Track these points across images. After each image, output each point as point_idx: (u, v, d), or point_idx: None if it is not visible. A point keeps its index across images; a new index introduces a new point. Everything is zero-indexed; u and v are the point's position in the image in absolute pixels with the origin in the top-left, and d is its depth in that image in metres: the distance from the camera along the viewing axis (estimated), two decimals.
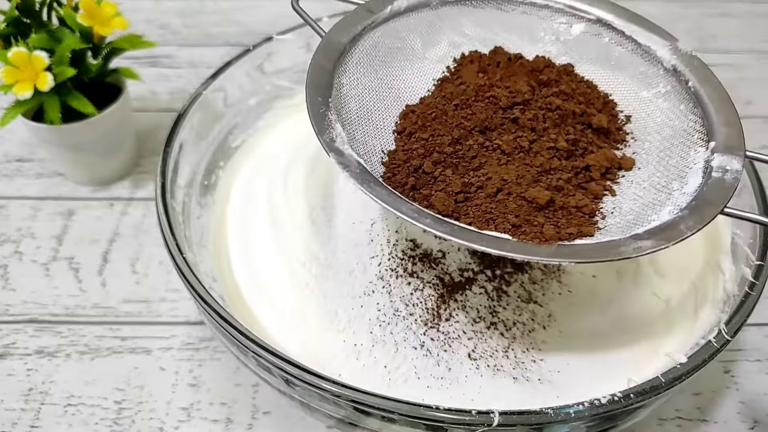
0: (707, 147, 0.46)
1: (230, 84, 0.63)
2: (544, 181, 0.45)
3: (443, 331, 0.49)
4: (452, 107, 0.48)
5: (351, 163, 0.43)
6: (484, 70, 0.52)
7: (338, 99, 0.48)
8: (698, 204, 0.42)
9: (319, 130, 0.45)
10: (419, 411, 0.40)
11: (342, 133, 0.45)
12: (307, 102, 0.46)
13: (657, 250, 0.40)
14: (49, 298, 0.61)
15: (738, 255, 0.52)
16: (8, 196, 0.70)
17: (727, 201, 0.42)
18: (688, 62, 0.51)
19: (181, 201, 0.55)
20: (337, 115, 0.46)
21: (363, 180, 0.42)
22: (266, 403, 0.54)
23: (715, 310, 0.50)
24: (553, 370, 0.48)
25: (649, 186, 0.46)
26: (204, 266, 0.53)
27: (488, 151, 0.47)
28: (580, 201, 0.44)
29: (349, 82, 0.50)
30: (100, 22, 0.62)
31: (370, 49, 0.52)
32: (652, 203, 0.45)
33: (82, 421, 0.53)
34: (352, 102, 0.49)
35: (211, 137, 0.62)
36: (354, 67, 0.51)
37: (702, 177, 0.44)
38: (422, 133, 0.47)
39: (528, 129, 0.47)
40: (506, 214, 0.43)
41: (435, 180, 0.45)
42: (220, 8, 0.97)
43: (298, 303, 0.52)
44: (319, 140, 0.44)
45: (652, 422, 0.53)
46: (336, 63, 0.50)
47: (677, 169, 0.46)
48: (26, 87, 0.59)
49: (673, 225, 0.41)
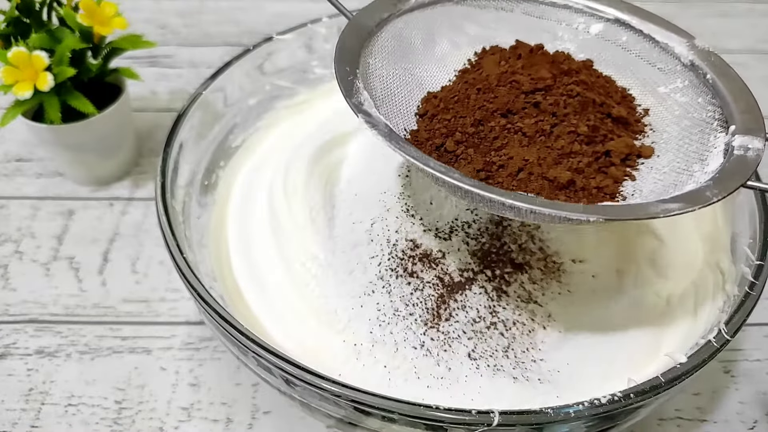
0: (727, 131, 0.46)
1: (230, 84, 0.63)
2: (564, 163, 0.45)
3: (443, 331, 0.49)
4: (474, 91, 0.49)
5: (379, 122, 0.44)
6: (505, 60, 0.53)
7: (364, 76, 0.49)
8: (722, 176, 0.43)
9: (347, 93, 0.45)
10: (419, 411, 0.40)
11: (369, 98, 0.46)
12: (336, 69, 0.47)
13: (684, 212, 0.40)
14: (50, 298, 0.61)
15: (738, 255, 0.52)
16: (8, 196, 0.70)
17: (751, 173, 0.42)
18: (706, 58, 0.51)
19: (182, 201, 0.55)
20: (365, 88, 0.47)
21: (391, 138, 0.43)
22: (266, 403, 0.54)
23: (715, 310, 0.50)
24: (553, 370, 0.48)
25: (669, 170, 0.46)
26: (204, 266, 0.53)
27: (510, 133, 0.47)
28: (602, 182, 0.45)
29: (374, 63, 0.51)
30: (100, 22, 0.62)
31: (395, 36, 0.53)
32: (674, 183, 0.45)
33: (83, 421, 0.53)
34: (377, 81, 0.50)
35: (211, 137, 0.62)
36: (379, 50, 0.52)
37: (724, 157, 0.45)
38: (444, 114, 0.48)
39: (549, 114, 0.48)
40: (528, 192, 0.44)
41: (457, 158, 0.46)
42: (220, 8, 0.97)
43: (298, 303, 0.52)
44: (347, 102, 0.45)
45: (651, 422, 0.53)
46: (363, 44, 0.51)
47: (697, 154, 0.47)
48: (26, 87, 0.59)
49: (698, 192, 0.42)
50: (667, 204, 0.40)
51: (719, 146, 0.46)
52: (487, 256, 0.52)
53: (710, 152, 0.46)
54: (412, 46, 0.54)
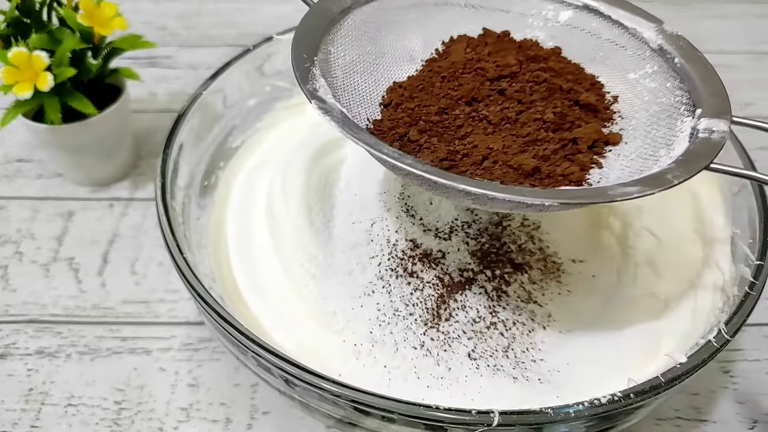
0: (694, 115, 0.46)
1: (229, 85, 0.63)
2: (530, 151, 0.45)
3: (443, 330, 0.49)
4: (439, 79, 0.49)
5: (333, 109, 0.43)
6: (472, 48, 0.52)
7: (325, 64, 0.48)
8: (686, 159, 0.42)
9: (302, 80, 0.44)
10: (419, 411, 0.40)
11: (325, 85, 0.45)
12: (292, 55, 0.46)
13: (643, 195, 0.39)
14: (49, 299, 0.61)
15: (738, 255, 0.52)
16: (8, 197, 0.70)
17: (715, 155, 0.42)
18: (674, 42, 0.51)
19: (181, 202, 0.55)
20: (321, 75, 0.46)
21: (345, 124, 0.42)
22: (265, 403, 0.54)
23: (715, 310, 0.50)
24: (553, 370, 0.48)
25: (636, 157, 0.46)
26: (203, 267, 0.53)
27: (475, 121, 0.47)
28: (567, 169, 0.44)
29: (336, 51, 0.50)
30: (100, 23, 0.62)
31: (360, 24, 0.52)
32: (640, 170, 0.44)
33: (82, 422, 0.53)
34: (338, 70, 0.49)
35: (210, 138, 0.62)
36: (342, 37, 0.51)
37: (689, 141, 0.44)
38: (408, 103, 0.47)
39: (515, 101, 0.47)
40: (492, 180, 0.43)
41: (421, 148, 0.45)
42: (219, 10, 0.97)
43: (297, 303, 0.52)
44: (301, 89, 0.44)
45: (651, 422, 0.53)
46: (325, 31, 0.50)
47: (664, 139, 0.46)
48: (26, 87, 0.59)
49: (660, 174, 0.41)
50: (626, 187, 0.40)
51: (686, 130, 0.45)
52: (486, 257, 0.52)
53: (677, 137, 0.46)
54: (377, 34, 0.53)
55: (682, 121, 0.47)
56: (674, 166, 0.42)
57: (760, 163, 0.55)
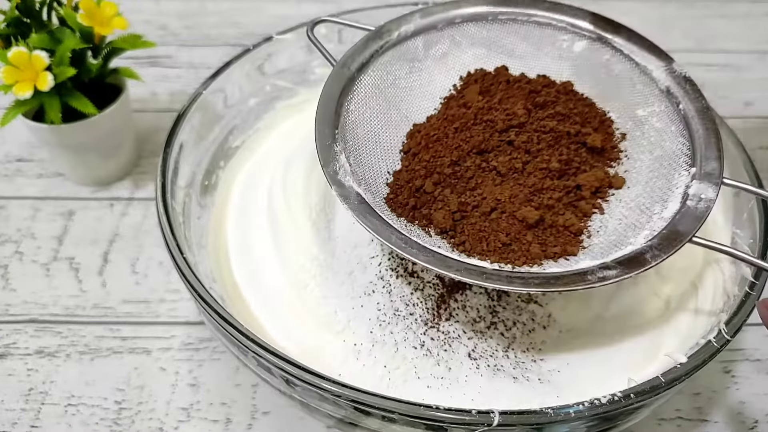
0: (689, 172, 0.47)
1: (230, 85, 0.63)
2: (535, 200, 0.47)
3: (443, 330, 0.49)
4: (452, 130, 0.50)
5: (350, 194, 0.46)
6: (487, 89, 0.54)
7: (345, 126, 0.50)
8: (668, 233, 0.44)
9: (325, 162, 0.47)
10: (419, 411, 0.40)
11: (345, 164, 0.47)
12: (316, 134, 0.49)
13: (621, 279, 0.42)
14: (50, 299, 0.61)
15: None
16: (8, 197, 0.70)
17: (695, 231, 0.43)
18: (681, 85, 0.52)
19: (182, 201, 0.55)
20: (343, 144, 0.49)
21: (359, 211, 0.45)
22: (266, 403, 0.54)
23: (715, 310, 0.50)
24: (553, 370, 0.48)
25: (635, 206, 0.48)
26: (204, 267, 0.53)
27: (484, 172, 0.49)
28: (568, 220, 0.46)
29: (357, 109, 0.52)
30: (100, 22, 0.62)
31: (380, 73, 0.54)
32: (634, 225, 0.46)
33: (82, 422, 0.53)
34: (359, 128, 0.51)
35: (211, 138, 0.62)
36: (362, 93, 0.53)
37: (680, 203, 0.46)
38: (425, 154, 0.50)
39: (522, 151, 0.49)
40: (498, 232, 0.46)
41: (435, 199, 0.48)
42: (220, 10, 0.97)
43: (297, 303, 0.52)
44: (323, 172, 0.46)
45: (651, 422, 0.53)
46: (344, 91, 0.52)
47: (661, 191, 0.48)
48: (26, 87, 0.59)
49: (640, 254, 0.43)
50: (606, 271, 0.42)
51: (680, 187, 0.47)
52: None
53: (672, 192, 0.47)
54: (396, 80, 0.55)
55: (679, 174, 0.48)
56: (655, 243, 0.43)
57: (760, 163, 0.55)
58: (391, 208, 0.47)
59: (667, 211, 0.46)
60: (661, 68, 0.53)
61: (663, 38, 0.53)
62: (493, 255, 0.45)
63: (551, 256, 0.45)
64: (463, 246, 0.45)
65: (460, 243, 0.46)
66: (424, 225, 0.47)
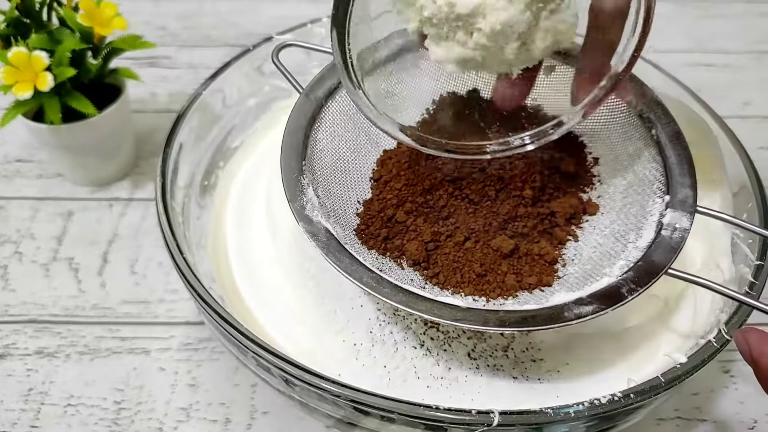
0: (663, 199, 0.47)
1: (229, 85, 0.63)
2: (510, 228, 0.48)
3: (443, 330, 0.49)
4: (424, 157, 0.50)
5: (319, 231, 0.46)
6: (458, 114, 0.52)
7: (313, 157, 0.50)
8: (644, 264, 0.44)
9: (291, 197, 0.47)
10: (419, 411, 0.40)
11: (313, 198, 0.47)
12: (281, 168, 0.48)
13: (596, 316, 0.41)
14: (49, 299, 0.61)
15: (738, 255, 0.52)
16: (8, 197, 0.70)
17: (670, 263, 0.43)
18: (653, 109, 0.52)
19: (181, 201, 0.55)
20: (311, 176, 0.49)
21: (328, 249, 0.45)
22: (265, 403, 0.54)
23: (714, 310, 0.50)
24: (553, 370, 0.48)
25: (609, 233, 0.48)
26: (203, 267, 0.53)
27: (457, 200, 0.49)
28: (543, 249, 0.47)
29: (324, 137, 0.52)
30: (100, 23, 0.62)
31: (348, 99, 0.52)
32: (609, 253, 0.46)
33: (82, 422, 0.52)
34: (327, 156, 0.51)
35: (210, 138, 0.62)
36: (330, 120, 0.53)
37: (654, 232, 0.46)
38: (396, 182, 0.50)
39: (495, 178, 0.49)
40: (472, 262, 0.46)
41: (407, 229, 0.48)
42: (219, 11, 0.97)
43: (296, 303, 0.52)
44: (290, 207, 0.46)
45: (651, 422, 0.53)
46: (312, 119, 0.52)
47: (636, 219, 0.48)
48: (26, 87, 0.59)
49: (616, 288, 0.43)
50: (582, 307, 0.42)
51: (654, 215, 0.47)
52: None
53: (647, 220, 0.47)
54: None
55: (653, 201, 0.48)
56: (630, 276, 0.43)
57: (760, 162, 0.55)
58: (362, 240, 0.47)
59: (642, 240, 0.46)
60: (635, 90, 0.52)
61: (661, 38, 0.53)
62: (468, 287, 0.45)
63: (526, 287, 0.45)
64: (437, 278, 0.46)
65: (434, 275, 0.46)
66: (397, 257, 0.47)
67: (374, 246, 0.47)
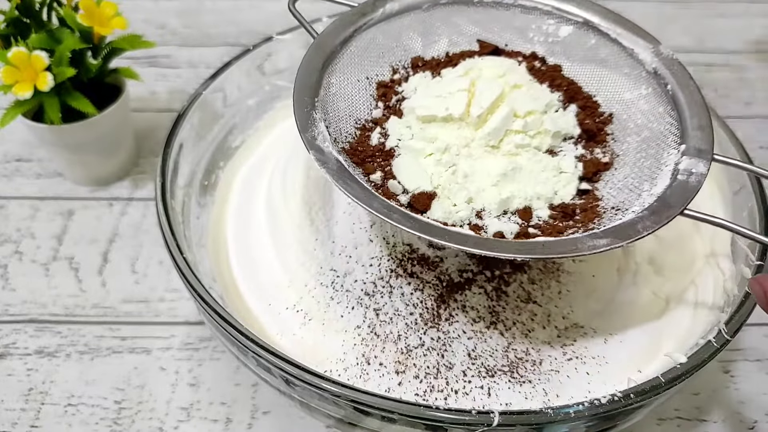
0: (679, 150, 0.47)
1: (230, 84, 0.63)
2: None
3: (443, 330, 0.49)
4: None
5: (330, 160, 0.45)
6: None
7: (326, 99, 0.50)
8: (659, 206, 0.43)
9: (303, 128, 0.46)
10: (419, 411, 0.40)
11: (324, 131, 0.46)
12: (294, 100, 0.47)
13: (612, 248, 0.40)
14: (49, 298, 0.61)
15: (738, 255, 0.52)
16: (8, 196, 0.70)
17: (687, 203, 0.43)
18: (669, 65, 0.52)
19: (181, 201, 0.55)
20: (323, 114, 0.48)
21: (338, 177, 0.44)
22: (266, 403, 0.54)
23: (715, 310, 0.50)
24: (553, 370, 0.48)
25: (623, 186, 0.47)
26: (203, 266, 0.53)
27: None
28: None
29: (338, 82, 0.51)
30: (100, 22, 0.62)
31: (362, 49, 0.54)
32: (623, 203, 0.46)
33: (82, 421, 0.53)
34: (340, 101, 0.51)
35: (210, 137, 0.62)
36: (344, 66, 0.52)
37: (670, 179, 0.45)
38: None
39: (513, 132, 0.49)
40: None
41: None
42: (219, 8, 0.97)
43: (297, 303, 0.52)
44: (301, 137, 0.45)
45: (651, 422, 0.53)
46: (326, 63, 0.51)
47: (650, 171, 0.47)
48: (26, 87, 0.59)
49: (631, 224, 0.42)
50: (597, 240, 0.41)
51: (670, 164, 0.46)
52: (485, 258, 0.52)
53: (661, 170, 0.46)
54: (378, 56, 0.55)
55: (668, 153, 0.47)
56: (646, 214, 0.43)
57: (760, 162, 0.55)
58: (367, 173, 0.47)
59: (656, 188, 0.45)
60: (648, 50, 0.52)
61: (662, 37, 0.53)
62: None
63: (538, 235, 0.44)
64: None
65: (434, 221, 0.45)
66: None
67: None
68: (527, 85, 0.51)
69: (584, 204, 0.47)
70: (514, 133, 0.48)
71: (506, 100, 0.49)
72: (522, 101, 0.49)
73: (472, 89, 0.49)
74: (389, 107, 0.52)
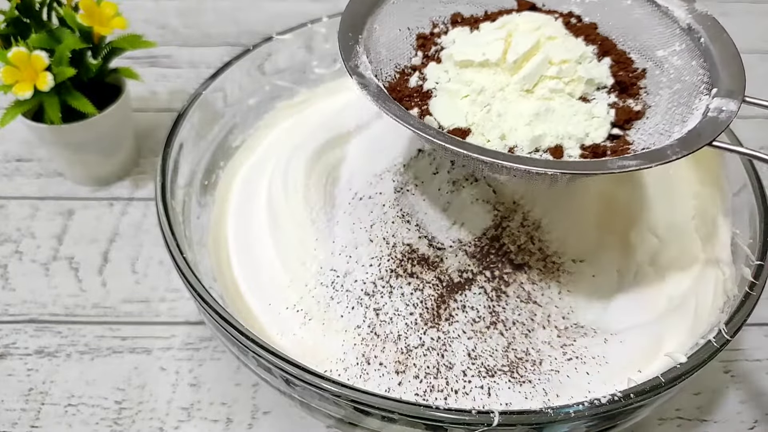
0: (710, 95, 0.47)
1: (230, 84, 0.63)
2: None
3: (443, 330, 0.49)
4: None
5: (370, 84, 0.47)
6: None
7: (368, 40, 0.51)
8: (689, 136, 0.44)
9: (346, 56, 0.48)
10: (419, 411, 0.40)
11: (366, 62, 0.49)
12: (339, 31, 0.50)
13: (641, 168, 0.42)
14: (49, 298, 0.61)
15: (738, 255, 0.52)
16: (8, 196, 0.70)
17: (717, 134, 0.43)
18: (703, 21, 0.52)
19: (181, 201, 0.55)
20: (365, 51, 0.50)
21: (379, 98, 0.46)
22: (266, 403, 0.54)
23: (715, 310, 0.50)
24: (553, 370, 0.48)
25: (653, 132, 0.48)
26: (203, 266, 0.53)
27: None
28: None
29: (380, 28, 0.53)
30: (100, 22, 0.62)
31: (405, 1, 0.55)
32: (654, 144, 0.46)
33: (83, 421, 0.53)
34: (381, 47, 0.52)
35: (210, 137, 0.62)
36: (387, 15, 0.54)
37: (701, 118, 0.46)
38: None
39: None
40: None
41: None
42: (220, 8, 0.97)
43: (297, 303, 0.52)
44: (344, 65, 0.48)
45: (652, 422, 0.53)
46: (370, 10, 0.53)
47: (681, 116, 0.48)
48: (26, 87, 0.59)
49: (660, 150, 0.43)
50: (625, 161, 0.42)
51: (701, 108, 0.47)
52: (486, 257, 0.52)
53: (692, 114, 0.47)
54: (419, 9, 0.55)
55: (699, 99, 0.48)
56: (675, 143, 0.43)
57: (760, 166, 0.55)
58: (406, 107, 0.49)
59: (687, 127, 0.46)
60: (682, 7, 0.53)
61: None
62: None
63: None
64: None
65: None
66: None
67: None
68: (562, 37, 0.51)
69: (615, 146, 0.47)
70: (549, 79, 0.48)
71: (541, 49, 0.49)
72: (557, 51, 0.49)
73: (509, 39, 0.50)
74: (428, 56, 0.53)
